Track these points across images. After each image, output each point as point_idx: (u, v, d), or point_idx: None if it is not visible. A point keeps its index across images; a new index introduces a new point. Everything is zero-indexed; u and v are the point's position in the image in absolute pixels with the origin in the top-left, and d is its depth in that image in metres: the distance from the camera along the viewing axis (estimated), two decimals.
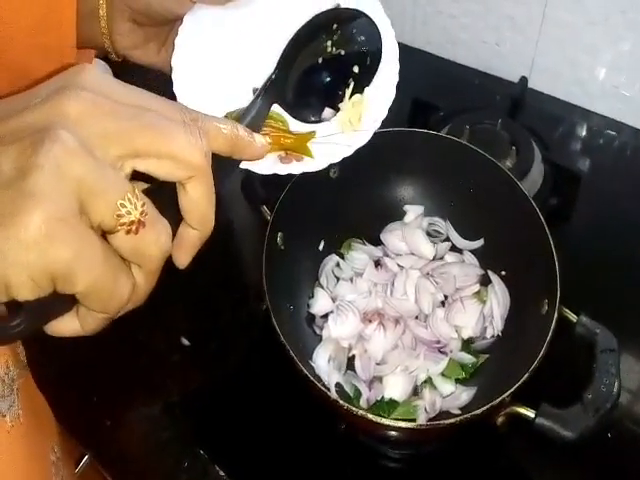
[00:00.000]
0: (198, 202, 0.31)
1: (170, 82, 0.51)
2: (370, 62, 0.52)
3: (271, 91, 0.47)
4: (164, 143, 0.29)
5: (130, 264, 0.29)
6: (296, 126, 0.50)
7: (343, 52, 0.51)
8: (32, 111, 0.27)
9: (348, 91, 0.51)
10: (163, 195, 0.30)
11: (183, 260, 0.33)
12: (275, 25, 0.51)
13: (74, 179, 0.25)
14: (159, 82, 0.51)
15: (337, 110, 0.52)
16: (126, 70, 0.63)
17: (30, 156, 0.25)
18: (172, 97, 0.56)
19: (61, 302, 0.28)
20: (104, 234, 0.28)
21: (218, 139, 0.32)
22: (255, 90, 0.50)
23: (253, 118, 0.43)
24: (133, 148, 0.28)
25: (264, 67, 0.49)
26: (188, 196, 0.30)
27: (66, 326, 0.30)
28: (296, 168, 0.48)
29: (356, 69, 0.52)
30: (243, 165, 0.38)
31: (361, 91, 0.52)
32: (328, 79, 0.52)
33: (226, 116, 0.46)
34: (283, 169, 0.48)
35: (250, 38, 0.52)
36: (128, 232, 0.27)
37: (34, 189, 0.24)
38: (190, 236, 0.32)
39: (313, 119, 0.52)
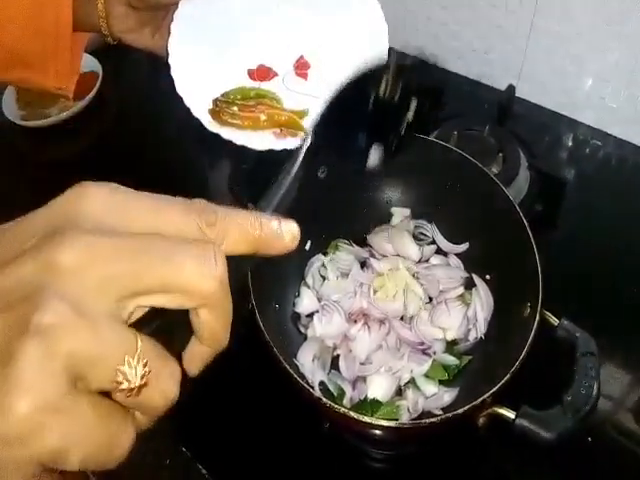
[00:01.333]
0: (210, 326, 0.28)
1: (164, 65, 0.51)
2: (425, 112, 0.44)
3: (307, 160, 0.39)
4: (172, 278, 0.25)
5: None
6: (291, 104, 0.51)
7: (397, 98, 0.42)
8: (22, 264, 0.24)
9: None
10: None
11: (193, 372, 0.30)
12: (269, 7, 0.52)
13: (65, 356, 0.23)
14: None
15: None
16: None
17: (16, 337, 0.22)
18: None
19: None
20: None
21: (239, 244, 0.28)
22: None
23: (282, 198, 0.36)
24: (136, 289, 0.25)
25: (259, 49, 0.49)
26: (200, 319, 0.27)
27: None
28: (290, 143, 0.49)
29: (410, 116, 0.44)
30: (239, 142, 0.38)
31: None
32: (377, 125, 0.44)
33: (223, 101, 0.45)
34: (278, 144, 0.48)
35: (244, 20, 0.53)
36: (128, 396, 0.25)
37: (18, 378, 0.22)
38: (202, 352, 0.29)
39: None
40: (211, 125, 0.51)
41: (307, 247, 0.71)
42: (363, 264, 0.71)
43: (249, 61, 0.51)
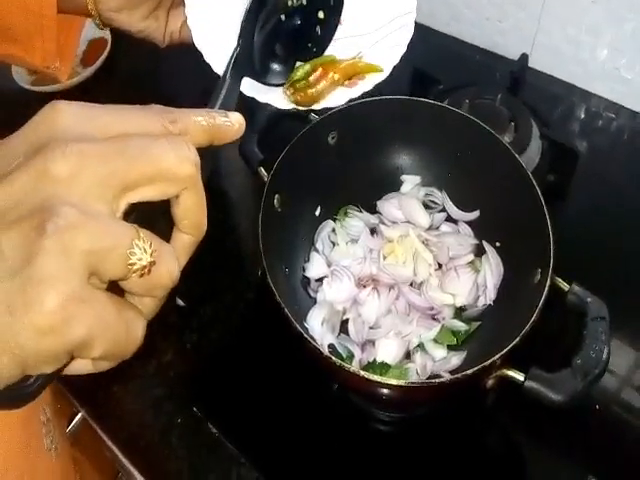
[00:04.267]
0: (192, 210, 0.30)
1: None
2: (334, 1, 0.50)
3: (238, 66, 0.45)
4: (154, 168, 0.28)
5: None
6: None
7: (305, 1, 0.49)
8: (17, 179, 0.25)
9: None
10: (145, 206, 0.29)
11: (180, 264, 0.32)
12: None
13: (82, 252, 0.25)
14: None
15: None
16: None
17: (34, 241, 0.24)
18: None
19: None
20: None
21: (199, 134, 0.31)
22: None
23: (225, 98, 0.42)
24: (126, 185, 0.27)
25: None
26: (181, 206, 0.30)
27: (79, 369, 0.30)
28: (364, 86, 0.49)
29: (321, 14, 0.50)
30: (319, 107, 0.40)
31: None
32: (295, 34, 0.50)
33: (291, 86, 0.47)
34: (354, 92, 0.49)
35: None
36: (142, 275, 0.27)
37: (43, 274, 0.24)
38: (184, 241, 0.31)
39: (285, 79, 0.50)
40: (286, 104, 0.51)
41: (317, 213, 0.71)
42: (373, 230, 0.71)
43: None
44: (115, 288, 0.28)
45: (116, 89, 0.98)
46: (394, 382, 0.51)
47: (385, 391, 0.54)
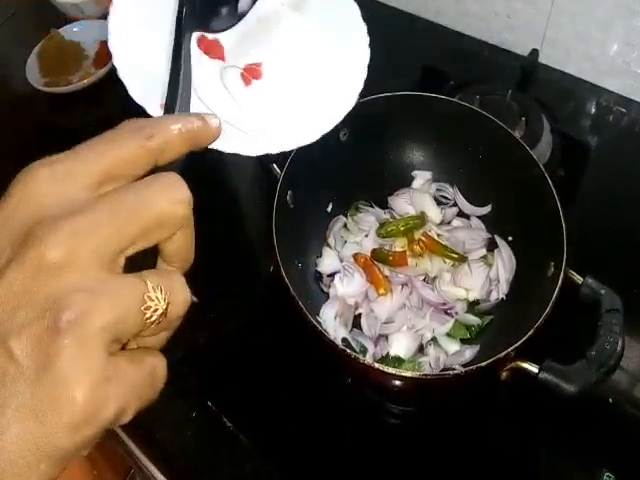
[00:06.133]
0: (183, 248, 0.29)
1: None
2: None
3: (187, 26, 0.40)
4: (149, 222, 0.27)
5: None
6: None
7: None
8: (14, 278, 0.24)
9: None
10: None
11: None
12: None
13: (98, 333, 0.24)
14: None
15: None
16: None
17: (49, 344, 0.23)
18: None
19: None
20: None
21: (178, 143, 0.29)
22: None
23: (184, 84, 0.37)
24: (123, 246, 0.26)
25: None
26: (173, 245, 0.29)
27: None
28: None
29: None
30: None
31: None
32: None
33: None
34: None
35: None
36: (160, 322, 0.26)
37: (66, 374, 0.23)
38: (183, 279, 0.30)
39: (231, 21, 0.45)
40: None
41: (329, 209, 0.72)
42: (384, 225, 0.71)
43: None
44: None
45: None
46: (409, 374, 0.51)
47: (399, 383, 0.54)
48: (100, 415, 0.24)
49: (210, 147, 0.34)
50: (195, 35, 0.44)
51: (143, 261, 0.29)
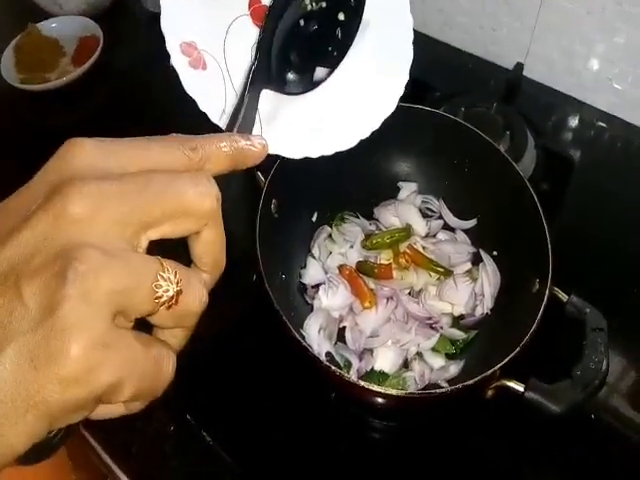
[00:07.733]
0: (212, 247, 0.30)
1: None
2: (355, 2, 0.47)
3: (256, 81, 0.43)
4: (175, 204, 0.27)
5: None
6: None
7: (325, 4, 0.47)
8: (36, 223, 0.25)
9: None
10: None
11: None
12: None
13: (105, 294, 0.24)
14: None
15: (330, 68, 0.48)
16: None
17: (55, 290, 0.23)
18: None
19: None
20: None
21: (221, 160, 0.31)
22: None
23: (245, 117, 0.40)
24: (146, 222, 0.27)
25: None
26: (201, 243, 0.29)
27: (110, 412, 0.29)
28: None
29: (342, 16, 0.48)
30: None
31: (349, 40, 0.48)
32: (314, 39, 0.48)
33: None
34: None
35: None
36: (170, 307, 0.26)
37: (66, 324, 0.23)
38: (202, 280, 0.30)
39: (306, 87, 0.48)
40: None
41: (314, 219, 0.71)
42: (369, 237, 0.70)
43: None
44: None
45: (107, 89, 0.96)
46: (394, 392, 0.50)
47: (384, 401, 0.53)
48: (91, 378, 0.24)
49: None
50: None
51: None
